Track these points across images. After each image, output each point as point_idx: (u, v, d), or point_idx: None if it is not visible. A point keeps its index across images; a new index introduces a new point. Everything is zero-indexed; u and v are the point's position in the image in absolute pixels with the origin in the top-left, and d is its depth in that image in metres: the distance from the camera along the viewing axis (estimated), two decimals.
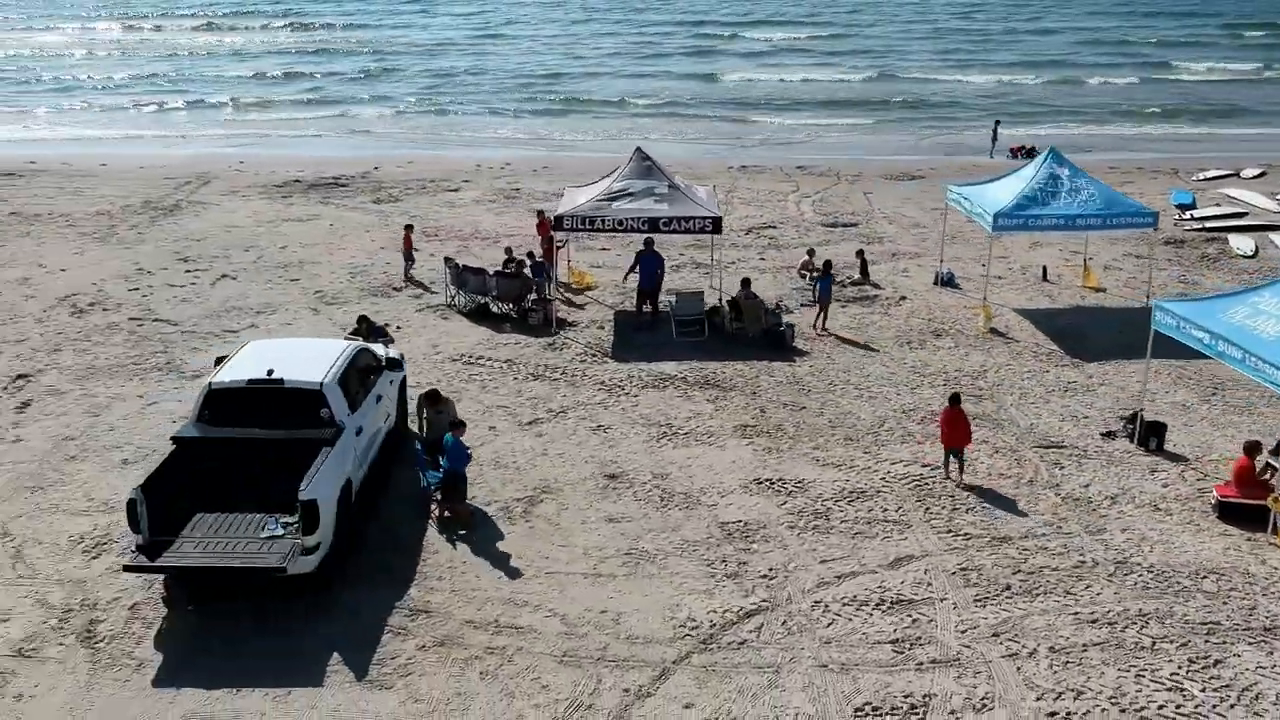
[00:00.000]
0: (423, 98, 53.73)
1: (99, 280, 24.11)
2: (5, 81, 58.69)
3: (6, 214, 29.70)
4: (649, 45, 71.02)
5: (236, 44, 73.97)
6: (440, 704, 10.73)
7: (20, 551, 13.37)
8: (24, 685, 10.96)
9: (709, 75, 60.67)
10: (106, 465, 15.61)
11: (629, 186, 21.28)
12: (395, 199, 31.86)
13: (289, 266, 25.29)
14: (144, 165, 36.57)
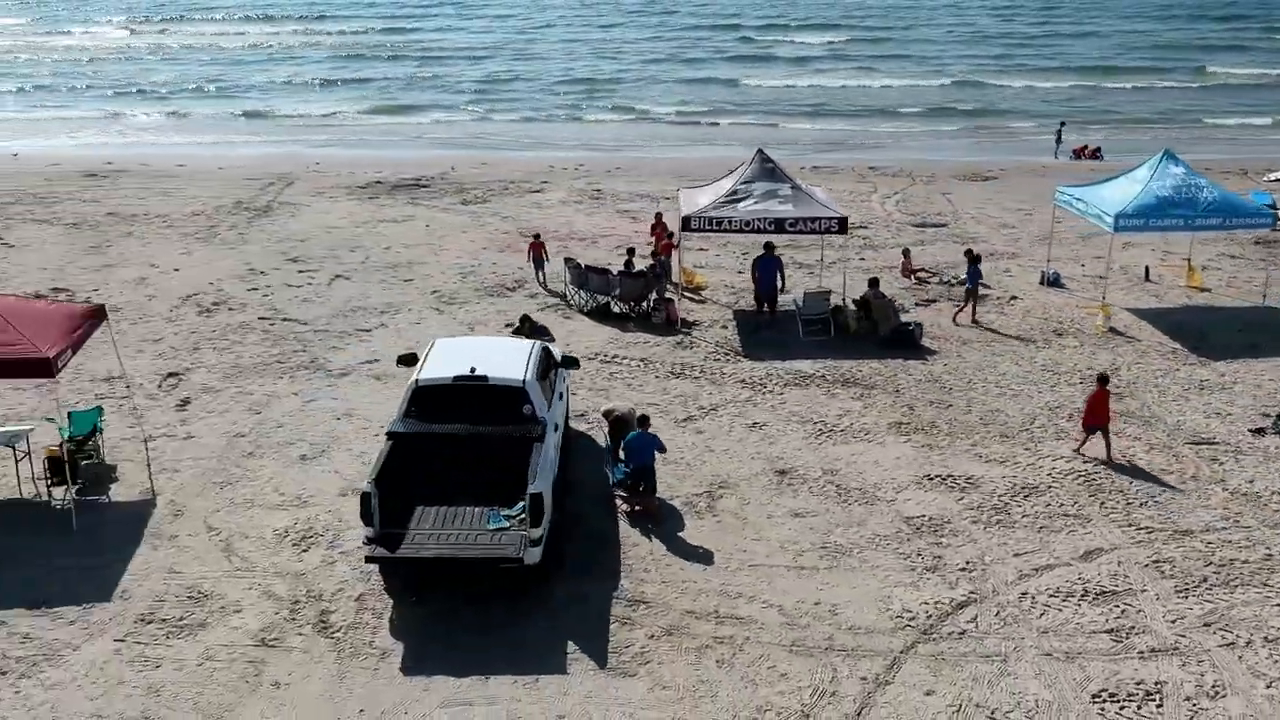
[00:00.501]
0: (480, 100, 54.03)
1: (215, 280, 24.45)
2: (65, 83, 59.11)
3: (103, 214, 30.06)
4: (693, 49, 71.16)
5: (281, 46, 74.25)
6: (687, 691, 11.05)
7: (230, 545, 13.71)
8: (277, 674, 11.30)
9: (757, 79, 60.81)
10: (286, 461, 15.94)
11: (752, 188, 21.58)
12: (482, 200, 32.19)
13: (398, 267, 25.62)
14: (222, 166, 36.96)
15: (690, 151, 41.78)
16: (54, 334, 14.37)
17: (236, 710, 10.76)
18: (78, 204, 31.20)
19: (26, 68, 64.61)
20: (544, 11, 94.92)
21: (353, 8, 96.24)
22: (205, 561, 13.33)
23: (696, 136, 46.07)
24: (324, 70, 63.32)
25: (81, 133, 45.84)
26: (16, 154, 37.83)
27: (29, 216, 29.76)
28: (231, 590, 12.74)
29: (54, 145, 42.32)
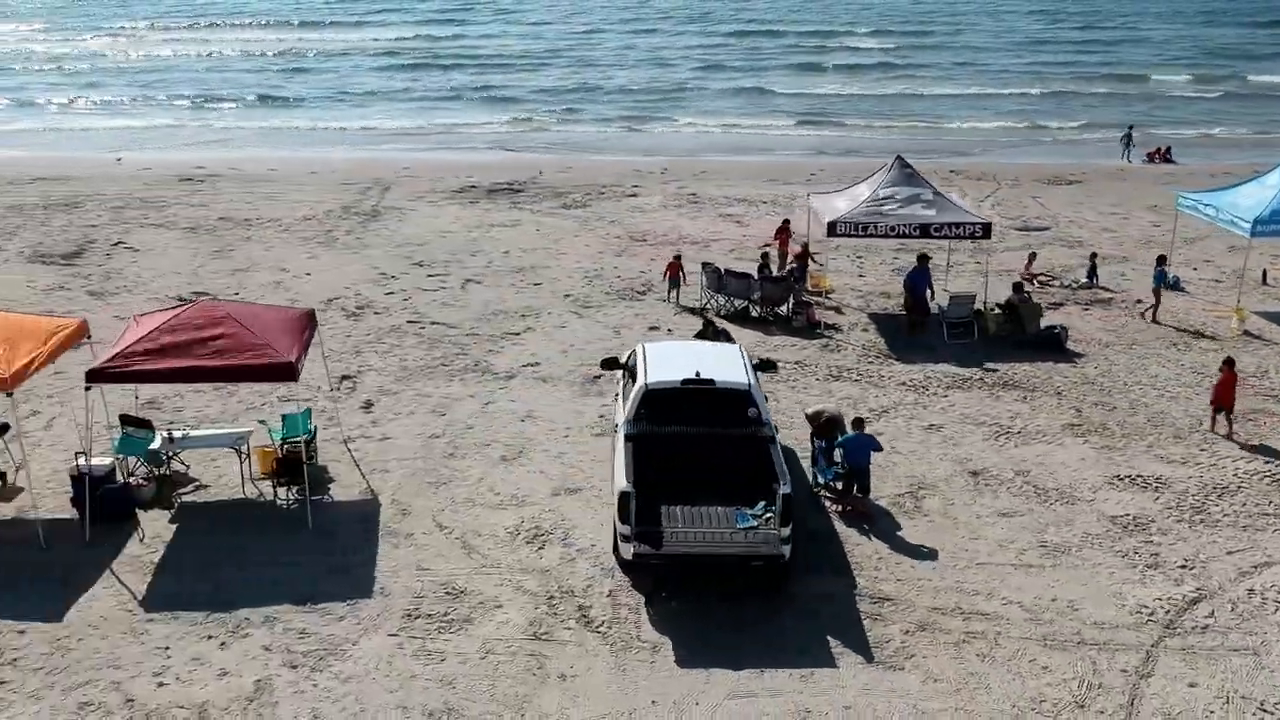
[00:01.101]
0: (547, 105, 54.38)
1: (350, 284, 24.91)
2: (129, 90, 59.65)
3: (216, 218, 30.55)
4: (746, 56, 71.33)
5: (327, 52, 74.73)
6: (959, 684, 11.49)
7: (467, 543, 14.17)
8: (560, 666, 11.75)
9: (811, 84, 61.20)
10: (489, 462, 16.39)
11: (895, 193, 22.03)
12: (582, 204, 32.65)
13: (522, 271, 26.08)
14: (314, 171, 37.43)
15: (769, 156, 42.27)
16: (287, 339, 14.87)
17: (533, 701, 11.22)
18: (186, 208, 31.69)
19: (83, 73, 65.10)
20: (584, 16, 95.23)
21: (394, 13, 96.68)
22: (449, 559, 13.79)
23: (770, 142, 46.49)
24: (387, 77, 63.61)
25: (157, 138, 46.39)
26: (120, 159, 38.30)
27: (144, 221, 30.25)
28: (484, 587, 13.19)
29: (131, 149, 42.82)
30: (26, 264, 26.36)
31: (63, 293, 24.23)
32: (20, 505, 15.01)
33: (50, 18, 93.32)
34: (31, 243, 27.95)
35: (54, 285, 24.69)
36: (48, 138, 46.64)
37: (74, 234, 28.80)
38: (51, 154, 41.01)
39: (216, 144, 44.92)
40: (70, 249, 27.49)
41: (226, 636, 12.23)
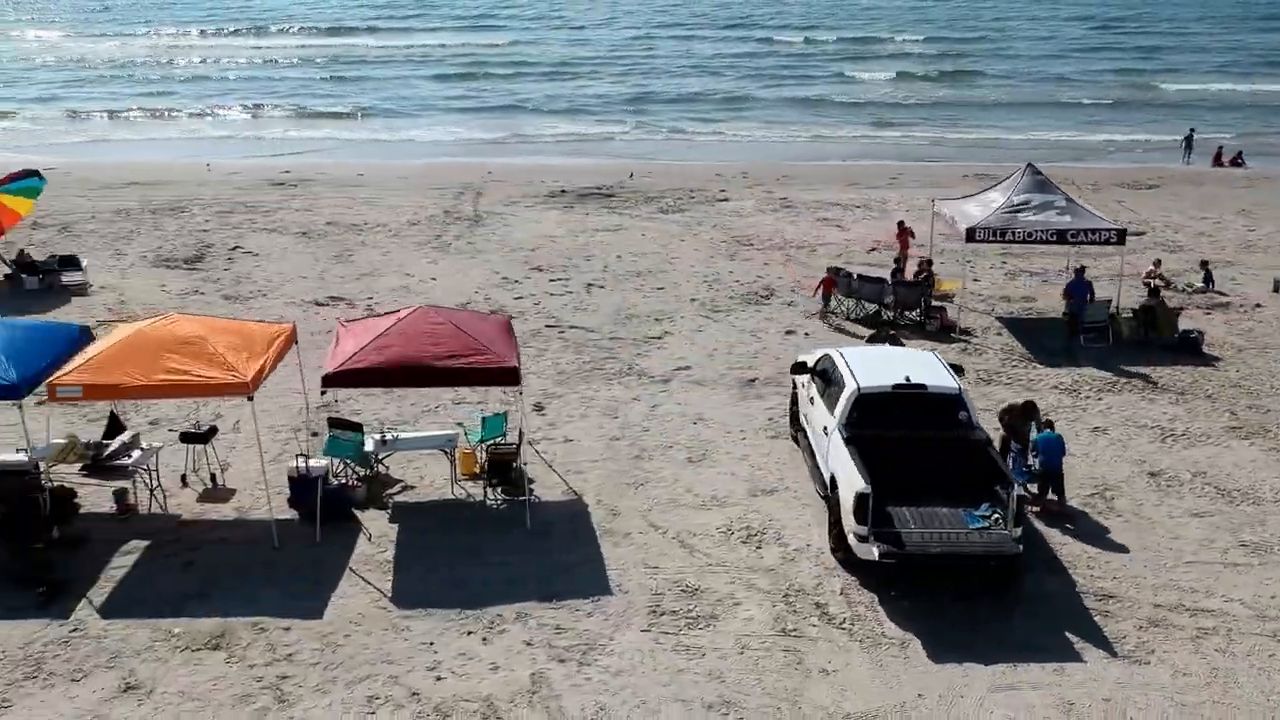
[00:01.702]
0: (612, 110, 54.63)
1: (477, 288, 25.34)
2: (205, 93, 60.08)
3: (323, 223, 30.99)
4: (799, 60, 71.42)
5: (375, 57, 75.12)
6: (1208, 678, 11.92)
7: (684, 542, 14.61)
8: (818, 661, 12.20)
9: (872, 88, 61.53)
10: (677, 463, 16.84)
11: (1029, 200, 22.45)
12: (678, 209, 33.10)
13: (641, 275, 26.52)
14: (403, 175, 37.87)
15: (843, 161, 42.69)
16: (502, 343, 15.34)
17: (804, 693, 11.66)
18: (291, 213, 32.13)
19: (138, 79, 65.47)
20: (623, 21, 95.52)
21: (425, 18, 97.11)
22: (672, 557, 14.23)
23: (841, 146, 46.90)
24: (446, 84, 63.64)
25: (231, 143, 46.91)
26: (210, 166, 38.74)
27: (253, 225, 30.69)
28: (715, 584, 13.63)
29: (202, 154, 43.31)
30: (151, 268, 26.81)
31: (198, 296, 24.68)
32: (238, 506, 15.47)
33: (84, 21, 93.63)
34: (150, 247, 28.39)
35: (187, 289, 25.14)
36: (125, 143, 47.12)
37: (188, 238, 29.24)
38: (139, 159, 41.44)
39: (288, 149, 45.35)
40: (190, 253, 27.93)
41: (485, 632, 12.67)
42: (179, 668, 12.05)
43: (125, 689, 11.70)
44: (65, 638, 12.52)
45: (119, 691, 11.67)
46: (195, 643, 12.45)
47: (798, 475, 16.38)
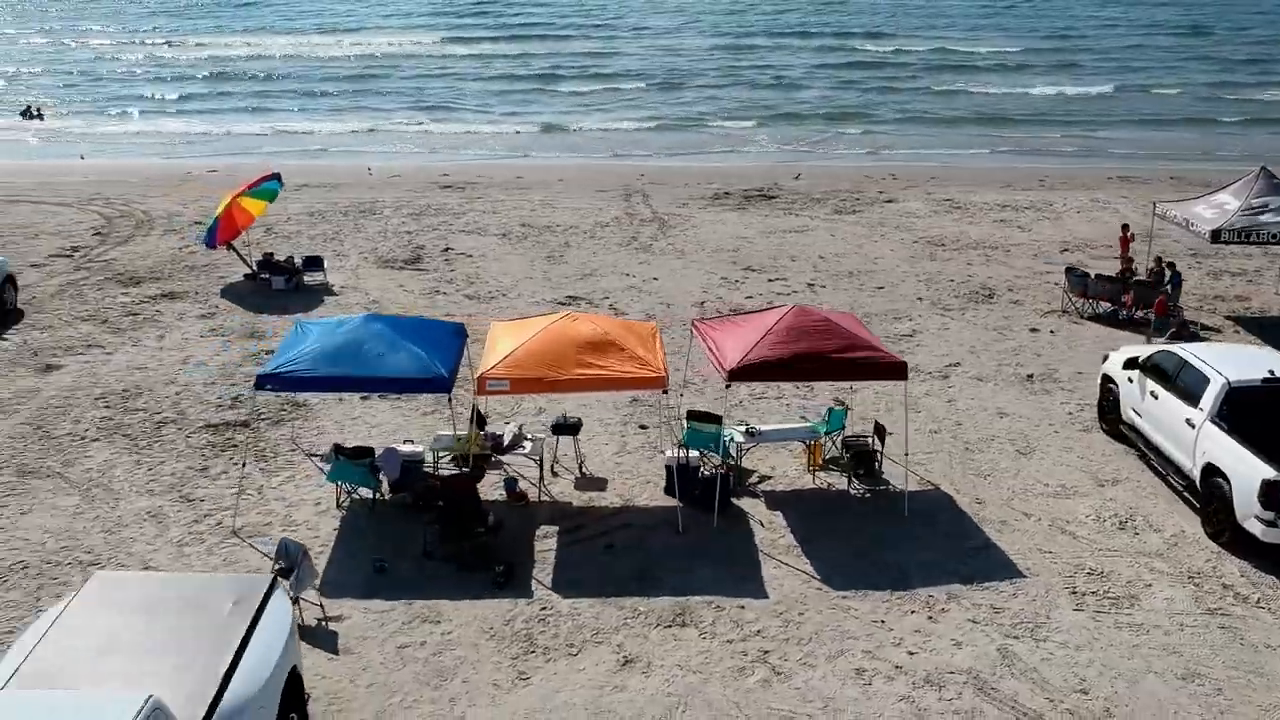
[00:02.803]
0: (727, 114, 55.14)
1: (703, 288, 26.08)
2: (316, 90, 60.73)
3: (517, 225, 31.73)
4: (875, 66, 71.62)
5: (455, 56, 75.49)
6: None
7: (1063, 529, 15.43)
8: (1261, 637, 12.99)
9: (965, 91, 62.10)
10: (1009, 454, 17.66)
11: (1268, 203, 23.21)
12: (851, 210, 33.89)
13: (853, 275, 27.29)
14: (560, 178, 38.68)
15: (980, 162, 43.46)
16: (874, 340, 16.16)
17: (1264, 667, 12.44)
18: (479, 215, 32.89)
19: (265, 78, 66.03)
20: (683, 25, 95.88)
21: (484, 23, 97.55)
22: (1060, 543, 15.05)
23: (969, 152, 47.69)
24: (538, 86, 64.32)
25: (367, 142, 47.69)
26: (371, 170, 39.50)
27: (450, 227, 31.45)
28: (1117, 567, 14.44)
29: (351, 154, 44.14)
30: (377, 268, 27.58)
31: (441, 296, 25.47)
32: (619, 493, 16.27)
33: (168, 22, 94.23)
34: (365, 248, 29.16)
35: (427, 289, 25.93)
36: (268, 143, 47.87)
37: (395, 240, 30.01)
38: (289, 162, 42.26)
39: (422, 149, 46.14)
40: (407, 254, 28.71)
41: (927, 611, 13.48)
42: (661, 643, 12.86)
43: (624, 662, 12.50)
44: (540, 615, 13.34)
45: (619, 665, 12.47)
46: (662, 620, 13.26)
47: (1131, 466, 17.17)
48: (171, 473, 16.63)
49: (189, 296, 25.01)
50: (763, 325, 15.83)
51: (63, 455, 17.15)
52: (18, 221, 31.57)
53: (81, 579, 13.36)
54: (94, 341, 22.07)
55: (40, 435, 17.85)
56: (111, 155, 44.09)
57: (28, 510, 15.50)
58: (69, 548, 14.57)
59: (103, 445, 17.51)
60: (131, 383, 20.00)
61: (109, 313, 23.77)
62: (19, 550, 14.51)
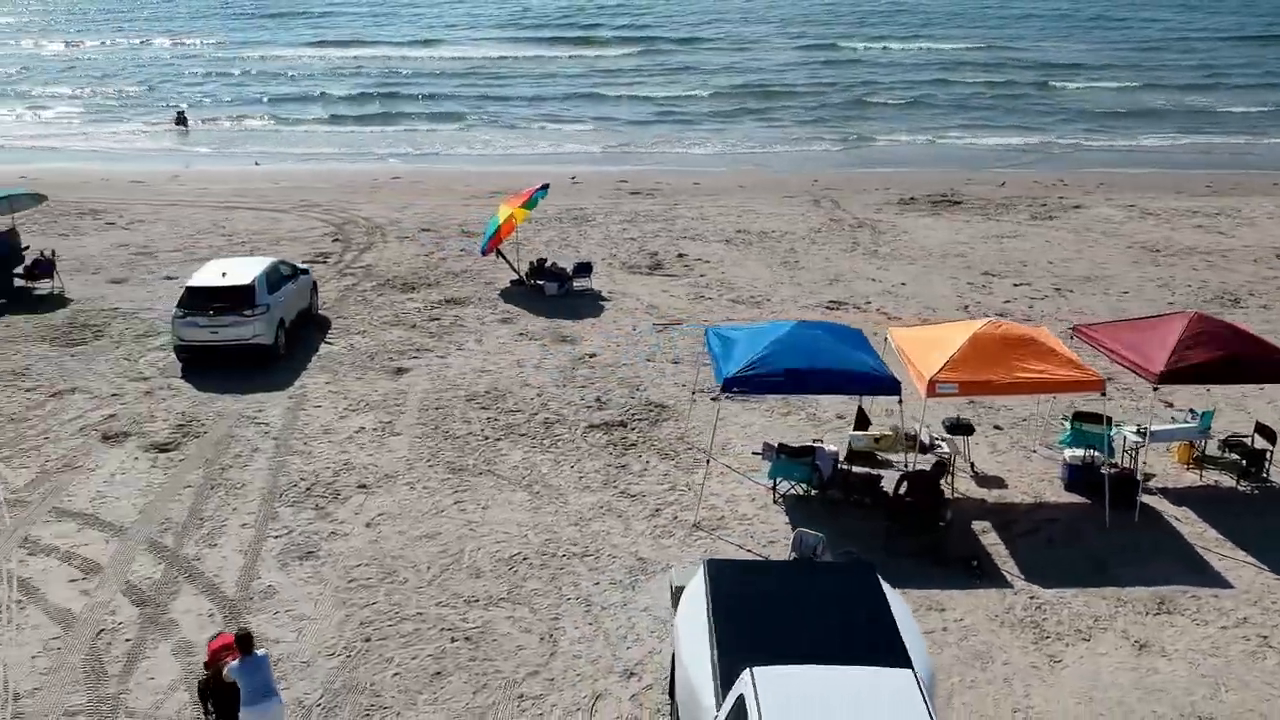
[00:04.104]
0: (858, 118, 55.88)
1: (956, 294, 26.98)
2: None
3: (733, 231, 32.63)
4: (994, 66, 72.12)
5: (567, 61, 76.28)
6: None
7: None
8: None
9: (1062, 93, 62.94)
10: None
11: None
12: (1046, 216, 34.80)
13: (1091, 280, 28.12)
14: (741, 184, 39.61)
15: (1130, 168, 44.34)
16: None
17: None
18: (690, 221, 33.79)
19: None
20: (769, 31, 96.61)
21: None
22: None
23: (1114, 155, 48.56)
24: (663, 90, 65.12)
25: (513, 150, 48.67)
26: (575, 177, 40.39)
27: (670, 233, 32.33)
28: None
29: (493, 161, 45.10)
30: (629, 274, 28.43)
31: (707, 301, 26.33)
32: (1021, 490, 17.15)
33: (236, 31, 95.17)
34: (602, 254, 30.01)
35: (691, 294, 26.78)
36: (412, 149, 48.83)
37: (626, 245, 30.88)
38: (479, 168, 43.23)
39: (595, 157, 47.06)
40: (647, 260, 29.60)
41: None
42: (1160, 629, 13.75)
43: (1139, 647, 13.38)
44: (1034, 604, 14.21)
45: (1137, 649, 13.34)
46: (1149, 608, 14.15)
47: None
48: (595, 470, 17.55)
49: (474, 302, 25.92)
50: (1169, 330, 16.66)
51: (479, 454, 18.06)
52: (251, 228, 32.55)
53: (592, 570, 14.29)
54: (419, 345, 22.98)
55: (441, 434, 18.79)
56: (280, 161, 45.14)
57: (488, 505, 16.43)
58: (552, 540, 15.48)
59: (508, 444, 18.43)
60: (487, 385, 20.90)
61: (411, 318, 24.70)
62: (507, 543, 15.42)
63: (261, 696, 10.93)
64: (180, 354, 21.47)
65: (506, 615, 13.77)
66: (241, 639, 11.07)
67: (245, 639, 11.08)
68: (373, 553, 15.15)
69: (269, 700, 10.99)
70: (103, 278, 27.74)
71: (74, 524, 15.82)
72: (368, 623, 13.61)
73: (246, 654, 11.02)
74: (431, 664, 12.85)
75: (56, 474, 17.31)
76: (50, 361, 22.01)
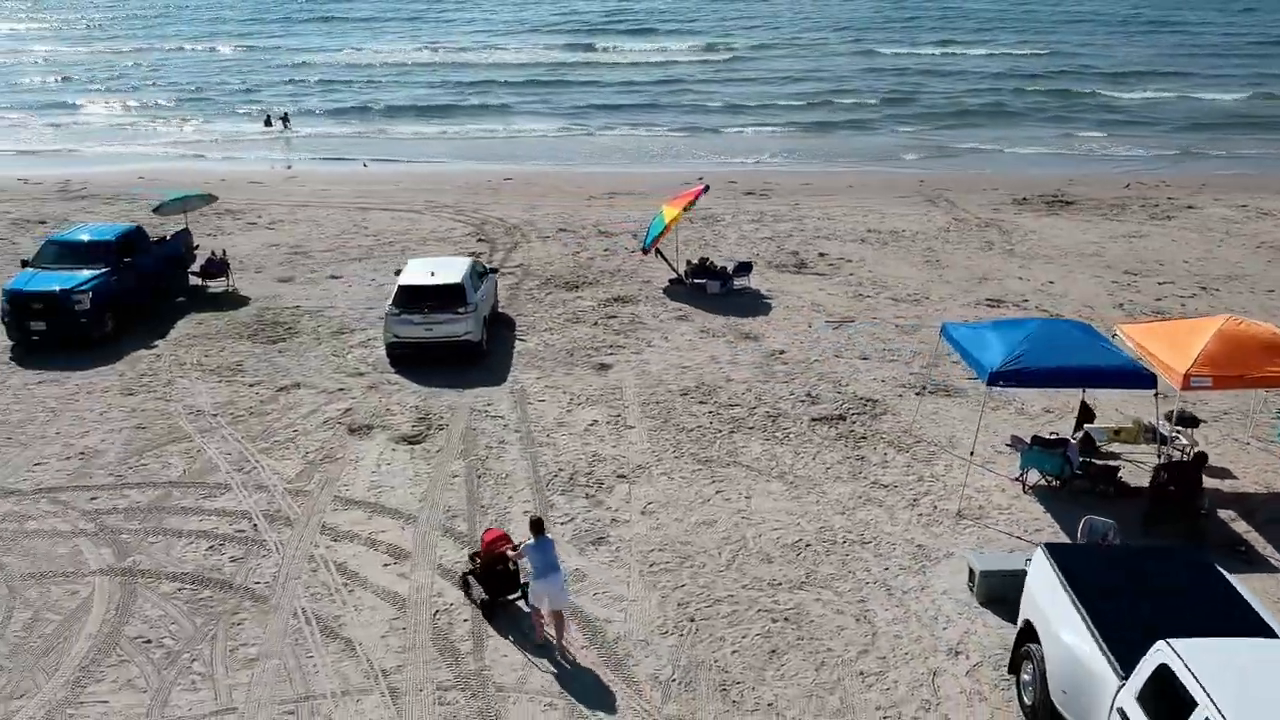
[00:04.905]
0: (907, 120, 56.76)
1: (1109, 293, 27.57)
2: None
3: (864, 230, 33.24)
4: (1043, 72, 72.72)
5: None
6: None
7: None
8: None
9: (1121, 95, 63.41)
10: None
11: None
12: (1166, 215, 35.43)
13: (1233, 279, 28.70)
14: (849, 185, 40.21)
15: (1224, 169, 44.94)
16: None
17: None
18: (818, 221, 34.43)
19: None
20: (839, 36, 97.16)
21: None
22: None
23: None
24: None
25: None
26: (703, 179, 40.96)
27: (803, 232, 32.96)
28: None
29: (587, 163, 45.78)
30: (776, 273, 29.08)
31: (869, 299, 26.89)
32: (1255, 480, 17.78)
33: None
34: (747, 254, 30.65)
35: (849, 293, 27.39)
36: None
37: (764, 245, 31.53)
38: (587, 169, 43.92)
39: (702, 157, 47.72)
40: (791, 260, 30.25)
41: None
42: None
43: None
44: None
45: None
46: None
47: None
48: (838, 461, 18.21)
49: (641, 300, 26.57)
50: None
51: (718, 446, 18.72)
52: (393, 228, 33.24)
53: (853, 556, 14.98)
54: (610, 343, 23.62)
55: (673, 428, 19.44)
56: (388, 163, 45.84)
57: (750, 495, 17.10)
58: (826, 528, 16.14)
59: (741, 437, 19.09)
60: (693, 380, 21.55)
61: (588, 315, 25.36)
62: (784, 530, 16.08)
63: (551, 570, 13.05)
64: (394, 350, 22.14)
65: (814, 598, 14.43)
66: (535, 523, 13.28)
67: (538, 523, 13.29)
68: (659, 539, 15.81)
69: (555, 574, 13.08)
70: (267, 277, 28.44)
71: (361, 512, 16.50)
72: (684, 604, 14.28)
73: (538, 536, 13.14)
74: (763, 642, 13.52)
75: (321, 465, 18.01)
76: (260, 358, 22.71)
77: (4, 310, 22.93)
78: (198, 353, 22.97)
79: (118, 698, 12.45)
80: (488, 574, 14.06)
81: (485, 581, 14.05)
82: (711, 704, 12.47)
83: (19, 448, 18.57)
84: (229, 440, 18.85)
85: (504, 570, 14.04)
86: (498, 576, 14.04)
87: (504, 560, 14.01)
